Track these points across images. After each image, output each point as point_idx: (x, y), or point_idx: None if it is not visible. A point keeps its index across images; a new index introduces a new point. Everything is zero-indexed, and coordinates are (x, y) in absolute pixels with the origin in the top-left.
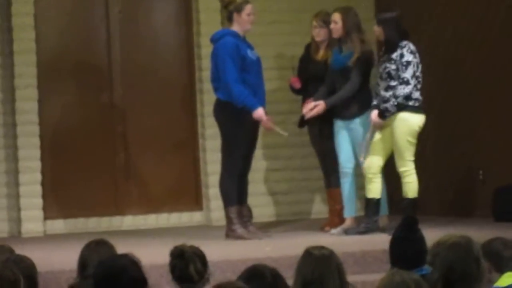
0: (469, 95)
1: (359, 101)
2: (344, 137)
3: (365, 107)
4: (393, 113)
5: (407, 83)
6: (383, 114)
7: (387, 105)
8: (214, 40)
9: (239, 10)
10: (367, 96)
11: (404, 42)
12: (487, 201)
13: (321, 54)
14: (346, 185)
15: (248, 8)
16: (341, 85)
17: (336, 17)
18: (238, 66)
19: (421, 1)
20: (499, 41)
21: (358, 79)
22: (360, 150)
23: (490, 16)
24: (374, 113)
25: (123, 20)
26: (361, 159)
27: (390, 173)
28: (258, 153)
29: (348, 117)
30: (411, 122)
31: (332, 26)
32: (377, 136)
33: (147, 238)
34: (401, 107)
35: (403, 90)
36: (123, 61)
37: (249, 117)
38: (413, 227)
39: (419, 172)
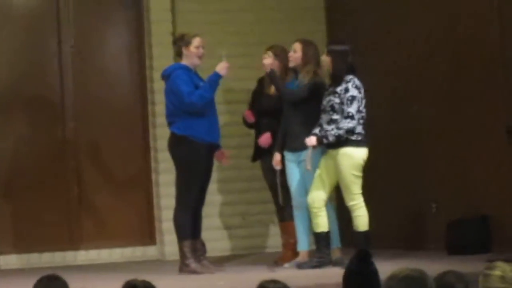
0: (421, 128)
1: (308, 134)
2: (294, 170)
3: None
4: (331, 143)
5: (351, 117)
6: (321, 140)
7: (328, 133)
8: (166, 75)
9: (187, 43)
10: None
11: (350, 77)
12: (440, 234)
13: (271, 87)
14: (299, 218)
15: (196, 41)
16: (292, 115)
17: (297, 46)
18: (191, 88)
19: (372, 36)
20: (448, 76)
21: (304, 93)
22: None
23: (438, 53)
24: (312, 138)
25: (76, 55)
26: (308, 167)
27: (341, 206)
28: (211, 187)
29: (298, 149)
30: (354, 156)
31: (290, 54)
32: (320, 170)
33: (100, 273)
34: (342, 141)
35: (347, 124)
36: (76, 95)
37: (204, 151)
38: (367, 260)
39: (371, 205)
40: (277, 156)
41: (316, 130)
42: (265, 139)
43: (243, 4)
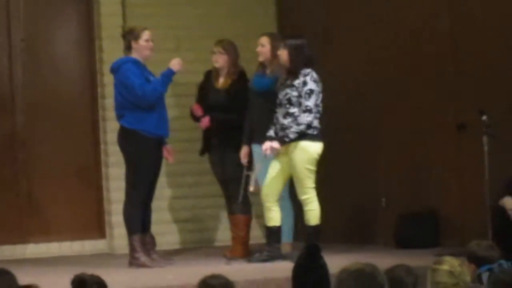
0: (372, 122)
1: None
2: (262, 163)
3: None
4: (293, 141)
5: (310, 111)
6: (282, 141)
7: (288, 132)
8: (115, 68)
9: (136, 37)
10: None
11: (307, 70)
12: (389, 228)
13: (221, 82)
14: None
15: (145, 34)
16: (263, 107)
17: (264, 40)
18: (143, 81)
19: (322, 28)
20: (401, 70)
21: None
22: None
23: (390, 46)
24: (274, 143)
25: (26, 48)
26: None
27: (293, 200)
28: (161, 180)
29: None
30: (310, 150)
31: (259, 49)
32: (274, 164)
33: (49, 267)
34: (300, 135)
35: (306, 118)
36: (25, 88)
37: (153, 145)
38: (316, 255)
39: (322, 200)
40: (244, 149)
41: (271, 132)
42: (205, 122)
43: None
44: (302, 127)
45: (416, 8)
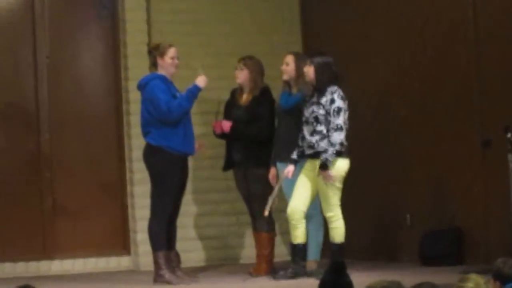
0: (396, 140)
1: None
2: (287, 181)
3: None
4: (331, 161)
5: (341, 129)
6: (326, 165)
7: (327, 155)
8: (142, 85)
9: (162, 54)
10: None
11: (334, 88)
12: (414, 246)
13: (244, 98)
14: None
15: (171, 52)
16: (288, 126)
17: (289, 59)
18: (170, 98)
19: (346, 49)
20: (425, 88)
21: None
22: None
23: (416, 64)
24: (324, 173)
25: (51, 65)
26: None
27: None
28: (186, 198)
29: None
30: (337, 167)
31: (283, 67)
32: (301, 181)
33: (74, 283)
34: (323, 151)
35: (338, 136)
36: (51, 106)
37: (179, 162)
38: (342, 272)
39: (346, 216)
40: (272, 171)
41: (294, 154)
42: (226, 125)
43: (217, 16)
44: (337, 147)
45: (441, 22)
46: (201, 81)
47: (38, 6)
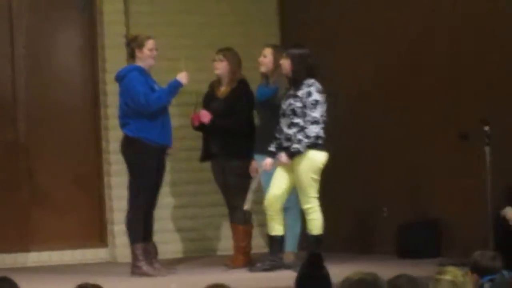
0: (374, 132)
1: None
2: (265, 173)
3: None
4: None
5: (317, 122)
6: (292, 154)
7: (299, 146)
8: (120, 77)
9: (140, 45)
10: None
11: (311, 81)
12: (391, 238)
13: (222, 90)
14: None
15: (150, 43)
16: (265, 118)
17: (267, 51)
18: (147, 89)
19: (324, 42)
20: (402, 80)
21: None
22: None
23: (392, 56)
24: (283, 156)
25: (28, 56)
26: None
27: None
28: (163, 190)
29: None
30: (314, 159)
31: (261, 59)
32: (278, 173)
33: (51, 275)
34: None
35: (314, 129)
36: (28, 97)
37: (156, 153)
38: (319, 264)
39: (324, 209)
40: (252, 164)
41: (272, 147)
42: (205, 115)
43: (195, 7)
44: (312, 139)
45: (418, 16)
46: (183, 76)
47: None
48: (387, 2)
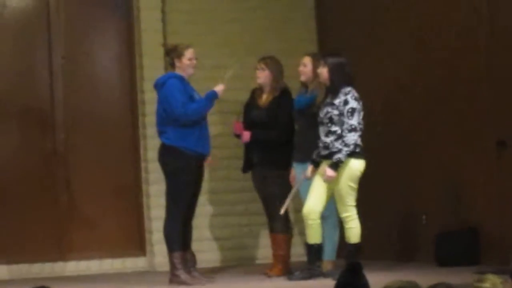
0: (411, 141)
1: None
2: (304, 182)
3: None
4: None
5: (355, 130)
6: (336, 166)
7: (340, 155)
8: (159, 84)
9: (180, 55)
10: None
11: (348, 89)
12: (430, 246)
13: (263, 99)
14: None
15: (189, 53)
16: (303, 126)
17: (306, 60)
18: (186, 99)
19: (363, 46)
20: (440, 87)
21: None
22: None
23: (429, 63)
24: (329, 172)
25: (66, 66)
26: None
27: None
28: (202, 198)
29: (306, 160)
30: (353, 167)
31: (301, 68)
32: (317, 181)
33: (90, 284)
34: (339, 152)
35: (353, 137)
36: (66, 106)
37: (194, 162)
38: (358, 272)
39: (362, 217)
40: (293, 172)
41: (314, 156)
42: (246, 137)
43: (232, 15)
44: (351, 148)
45: (453, 23)
46: (220, 89)
47: (53, 6)
48: (422, 9)
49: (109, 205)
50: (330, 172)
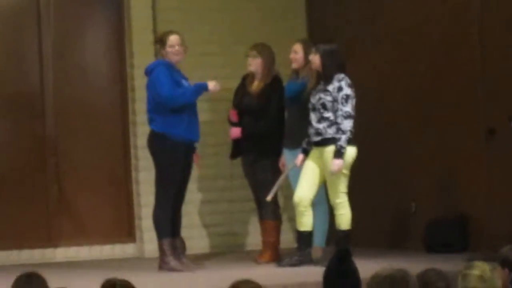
0: (402, 126)
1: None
2: (293, 169)
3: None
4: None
5: (350, 117)
6: (341, 153)
7: (341, 143)
8: (148, 71)
9: (163, 43)
10: None
11: (341, 75)
12: (419, 233)
13: (254, 85)
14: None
15: (170, 40)
16: (293, 113)
17: (297, 47)
18: (172, 83)
19: (351, 34)
20: (430, 75)
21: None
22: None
23: (419, 51)
24: (337, 161)
25: (56, 52)
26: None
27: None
28: (191, 185)
29: (296, 147)
30: (345, 154)
31: (292, 56)
32: (308, 168)
33: (79, 271)
34: (331, 139)
35: (348, 124)
36: (56, 92)
37: (183, 149)
38: (347, 259)
39: (352, 204)
40: (282, 159)
41: (304, 144)
42: (235, 133)
43: (223, 3)
44: (348, 134)
45: (444, 13)
46: (213, 85)
47: None
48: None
49: (99, 192)
50: (337, 161)
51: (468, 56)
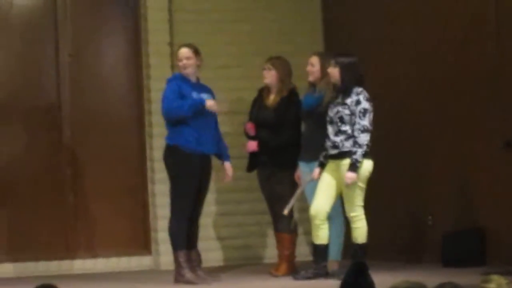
0: (418, 141)
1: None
2: (311, 182)
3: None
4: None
5: (367, 131)
6: (356, 167)
7: (357, 157)
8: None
9: (176, 56)
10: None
11: (360, 89)
12: (436, 247)
13: (271, 99)
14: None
15: (178, 54)
16: (310, 126)
17: (314, 60)
18: (176, 97)
19: (368, 48)
20: (447, 88)
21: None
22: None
23: (436, 66)
24: (351, 175)
25: (73, 63)
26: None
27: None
28: (208, 197)
29: (312, 160)
30: (362, 168)
31: (309, 68)
32: (324, 181)
33: (96, 282)
34: (347, 152)
35: (365, 138)
36: (73, 104)
37: (195, 160)
38: (363, 273)
39: (368, 217)
40: (298, 171)
41: (321, 157)
42: (251, 147)
43: (240, 15)
44: (365, 148)
45: (463, 20)
46: (212, 103)
47: (61, 4)
48: (430, 8)
49: (115, 204)
50: (350, 174)
51: (487, 67)
